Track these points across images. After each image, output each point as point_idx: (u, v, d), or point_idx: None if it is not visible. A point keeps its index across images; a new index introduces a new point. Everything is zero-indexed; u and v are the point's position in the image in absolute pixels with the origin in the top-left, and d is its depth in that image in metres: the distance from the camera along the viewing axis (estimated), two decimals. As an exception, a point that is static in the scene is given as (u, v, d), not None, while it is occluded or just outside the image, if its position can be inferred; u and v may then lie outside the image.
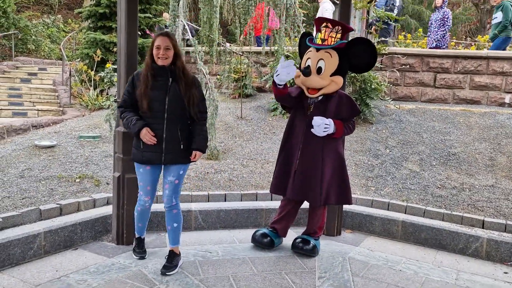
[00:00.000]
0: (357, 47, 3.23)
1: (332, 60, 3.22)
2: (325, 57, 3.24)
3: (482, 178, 4.76)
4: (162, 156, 2.92)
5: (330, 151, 3.30)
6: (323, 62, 3.24)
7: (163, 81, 2.93)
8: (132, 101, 2.98)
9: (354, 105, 3.34)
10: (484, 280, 3.11)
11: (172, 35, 2.98)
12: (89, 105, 7.64)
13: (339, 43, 3.23)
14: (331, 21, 3.31)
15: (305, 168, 3.30)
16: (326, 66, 3.23)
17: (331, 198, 3.32)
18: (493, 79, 6.82)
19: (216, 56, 6.68)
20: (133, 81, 2.99)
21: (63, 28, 15.10)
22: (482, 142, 5.54)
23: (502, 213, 4.07)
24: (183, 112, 2.96)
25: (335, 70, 3.23)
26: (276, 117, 6.81)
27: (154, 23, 9.29)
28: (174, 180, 2.99)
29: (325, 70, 3.23)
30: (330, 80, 3.23)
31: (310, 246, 3.37)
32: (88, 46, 8.87)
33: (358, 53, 3.23)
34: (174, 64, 2.95)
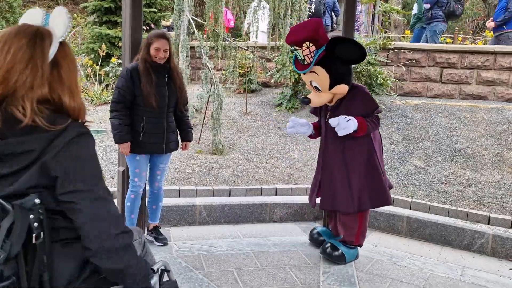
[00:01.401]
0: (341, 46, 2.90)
1: (321, 77, 2.98)
2: (313, 77, 3.02)
3: (488, 174, 4.73)
4: (164, 146, 3.18)
5: (353, 154, 3.06)
6: (315, 82, 3.04)
7: (162, 78, 3.11)
8: (130, 96, 3.05)
9: (367, 99, 3.08)
10: (489, 276, 3.10)
11: (168, 36, 3.17)
12: (94, 100, 7.66)
13: (317, 55, 2.93)
14: (295, 42, 2.97)
15: (329, 176, 3.16)
16: (320, 84, 3.01)
17: (365, 203, 3.07)
18: (500, 74, 6.75)
19: (221, 51, 6.67)
20: (131, 77, 3.03)
21: (69, 23, 15.13)
22: (488, 137, 5.49)
23: (508, 209, 4.04)
24: (175, 105, 3.25)
25: (330, 82, 2.97)
26: (281, 112, 6.80)
27: (159, 18, 9.29)
28: (165, 167, 3.34)
29: (321, 88, 3.03)
30: (331, 93, 3.04)
31: (337, 253, 3.16)
32: (93, 41, 8.88)
33: (345, 51, 2.92)
34: (168, 62, 3.14)
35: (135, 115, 3.10)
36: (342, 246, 3.19)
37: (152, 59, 3.04)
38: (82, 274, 1.25)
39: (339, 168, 3.09)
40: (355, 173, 3.05)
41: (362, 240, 3.24)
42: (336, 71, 2.96)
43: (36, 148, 1.16)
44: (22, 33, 1.23)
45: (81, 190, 1.19)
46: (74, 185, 1.19)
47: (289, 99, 7.02)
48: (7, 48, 1.21)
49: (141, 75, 3.01)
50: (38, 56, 1.23)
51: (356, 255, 3.24)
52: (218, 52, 6.54)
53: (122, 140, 3.05)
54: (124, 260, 1.22)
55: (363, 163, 3.06)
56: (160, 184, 3.36)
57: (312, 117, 3.68)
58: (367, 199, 3.05)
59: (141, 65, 3.03)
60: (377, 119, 3.07)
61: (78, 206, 1.18)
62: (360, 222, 3.17)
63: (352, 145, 3.06)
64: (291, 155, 5.36)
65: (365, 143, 3.07)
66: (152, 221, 3.43)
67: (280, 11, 6.27)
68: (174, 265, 3.01)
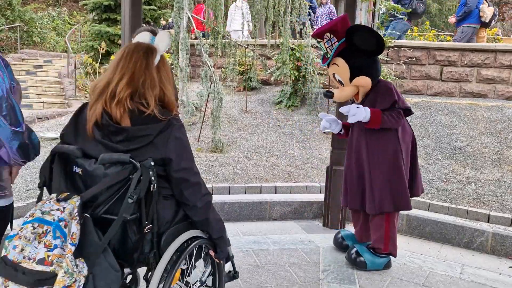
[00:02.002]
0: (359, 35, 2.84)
1: (341, 69, 2.95)
2: (334, 70, 3.01)
3: (488, 172, 4.73)
4: None
5: (377, 153, 2.95)
6: (337, 75, 3.01)
7: None
8: None
9: (388, 93, 2.91)
10: (489, 275, 3.10)
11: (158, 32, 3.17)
12: (94, 98, 7.66)
13: (337, 46, 2.94)
14: (317, 34, 3.02)
15: (353, 174, 3.08)
16: (341, 76, 2.98)
17: (386, 204, 2.92)
18: (500, 72, 6.74)
19: (221, 48, 6.66)
20: None
21: (68, 20, 15.13)
22: (488, 136, 5.49)
23: (508, 207, 4.04)
24: None
25: (350, 74, 2.93)
26: (281, 110, 6.79)
27: (158, 16, 9.27)
28: None
29: (343, 81, 2.99)
30: (353, 86, 2.96)
31: (359, 260, 3.03)
32: (93, 39, 8.88)
33: (363, 40, 2.85)
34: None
35: None
36: (367, 253, 3.05)
37: None
38: (175, 218, 1.80)
39: (363, 169, 3.00)
40: (378, 173, 2.94)
41: (392, 248, 3.03)
42: (356, 62, 2.91)
43: (152, 133, 1.65)
44: (139, 47, 1.73)
45: (187, 167, 1.73)
46: (183, 164, 1.71)
47: (289, 97, 7.01)
48: (129, 58, 1.70)
49: None
50: (150, 65, 1.72)
51: (384, 265, 3.04)
52: (218, 50, 6.54)
53: None
54: (207, 213, 1.81)
55: (387, 163, 2.93)
56: None
57: (312, 115, 3.67)
58: (389, 201, 2.92)
59: None
60: (398, 114, 2.87)
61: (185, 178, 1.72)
62: (387, 227, 2.99)
63: (377, 144, 2.96)
64: (291, 153, 5.36)
65: (390, 143, 2.94)
66: None
67: (280, 8, 6.26)
68: (174, 263, 3.01)
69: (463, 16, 8.05)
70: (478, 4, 7.85)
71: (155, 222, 1.69)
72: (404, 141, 2.99)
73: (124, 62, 1.70)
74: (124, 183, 1.59)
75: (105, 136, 1.66)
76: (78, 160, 1.64)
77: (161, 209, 1.72)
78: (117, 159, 1.59)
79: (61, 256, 1.42)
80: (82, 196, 1.56)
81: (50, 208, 1.49)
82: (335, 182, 3.88)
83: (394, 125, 2.88)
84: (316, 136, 5.99)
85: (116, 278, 1.55)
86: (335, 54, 2.96)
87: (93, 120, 1.66)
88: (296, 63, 6.76)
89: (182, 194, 1.74)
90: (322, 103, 6.87)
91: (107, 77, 1.69)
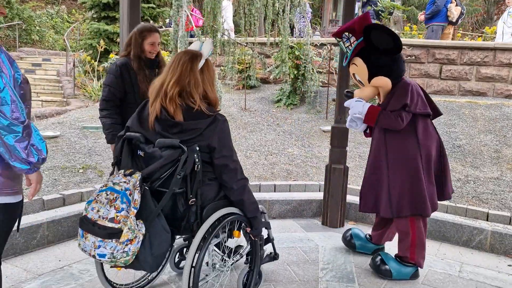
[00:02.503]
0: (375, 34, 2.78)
1: (359, 69, 2.89)
2: (353, 69, 2.95)
3: (487, 171, 4.73)
4: None
5: (396, 156, 2.86)
6: (357, 75, 2.95)
7: (153, 73, 3.03)
8: (120, 93, 2.99)
9: (403, 95, 2.79)
10: (487, 273, 3.10)
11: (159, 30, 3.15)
12: (92, 96, 7.64)
13: (355, 46, 2.87)
14: (336, 34, 2.98)
15: (371, 176, 2.99)
16: (360, 76, 2.92)
17: (404, 209, 2.83)
18: (499, 70, 6.74)
19: (220, 46, 6.65)
20: (121, 73, 2.96)
21: (67, 18, 15.09)
22: (487, 134, 5.49)
23: (507, 205, 4.04)
24: None
25: (369, 74, 2.86)
26: (280, 108, 6.79)
27: (157, 13, 9.25)
28: None
29: (362, 81, 2.93)
30: (373, 87, 2.90)
31: (384, 268, 2.92)
32: (91, 37, 8.86)
33: (379, 39, 2.77)
34: (157, 55, 3.07)
35: (126, 113, 2.99)
36: (392, 261, 2.94)
37: (146, 55, 2.98)
38: (216, 197, 2.20)
39: (381, 171, 2.92)
40: (397, 176, 2.85)
41: (419, 257, 2.91)
42: (374, 61, 2.84)
43: (202, 127, 2.05)
44: (187, 53, 2.15)
45: (227, 155, 2.11)
46: (224, 152, 2.10)
47: (288, 95, 7.00)
48: (178, 62, 2.11)
49: (137, 72, 2.95)
50: (195, 67, 2.11)
51: (411, 275, 2.91)
52: (217, 48, 6.52)
53: (114, 140, 2.91)
54: (242, 194, 2.20)
55: (406, 169, 2.83)
56: None
57: (311, 113, 3.65)
58: (406, 205, 2.83)
59: (135, 63, 2.96)
60: (397, 116, 2.76)
61: (225, 164, 2.11)
62: (413, 233, 2.88)
63: (395, 146, 2.87)
64: (290, 152, 5.36)
65: (410, 146, 2.84)
66: None
67: (279, 7, 6.24)
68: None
69: (431, 15, 8.38)
70: (446, 3, 8.14)
71: (199, 197, 2.08)
72: (426, 145, 2.86)
73: (174, 65, 2.11)
74: (174, 163, 1.99)
75: (164, 129, 2.07)
76: (141, 145, 2.09)
77: (206, 189, 2.12)
78: (169, 143, 2.01)
79: (126, 217, 1.85)
80: (143, 172, 2.00)
81: (119, 180, 1.94)
82: (334, 180, 3.87)
83: (392, 125, 2.79)
84: (315, 134, 5.98)
85: (167, 238, 1.99)
86: (354, 53, 2.90)
87: (154, 115, 2.08)
88: (295, 61, 6.75)
89: (222, 177, 2.13)
90: (321, 102, 6.87)
91: (162, 79, 2.12)
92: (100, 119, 3.04)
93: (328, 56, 7.05)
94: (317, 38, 8.45)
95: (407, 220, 2.88)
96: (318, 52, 7.36)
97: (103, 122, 3.01)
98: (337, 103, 3.93)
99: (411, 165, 2.82)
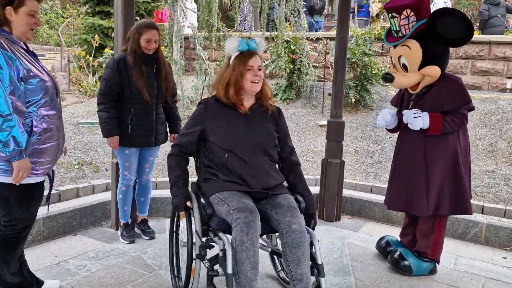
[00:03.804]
0: (444, 20, 2.56)
1: (413, 53, 2.67)
2: (404, 52, 2.72)
3: (482, 164, 4.75)
4: (153, 138, 3.12)
5: (437, 153, 2.72)
6: (404, 58, 2.74)
7: (150, 68, 3.04)
8: (117, 88, 2.98)
9: (459, 92, 2.67)
10: (482, 265, 3.12)
11: (158, 26, 3.10)
12: (87, 91, 7.60)
13: (416, 27, 2.63)
14: (395, 8, 2.70)
15: (403, 175, 2.86)
16: (409, 61, 2.71)
17: (442, 207, 2.72)
18: (495, 64, 6.76)
19: (215, 41, 6.62)
20: (119, 68, 2.95)
21: (61, 13, 14.97)
22: (482, 127, 5.51)
23: (501, 198, 4.07)
24: (163, 96, 3.16)
25: (422, 61, 2.66)
26: (276, 103, 6.78)
27: (152, 8, 9.19)
28: (154, 159, 3.29)
29: (410, 66, 2.72)
30: (420, 74, 2.71)
31: (404, 264, 2.85)
32: (86, 32, 8.79)
33: (447, 26, 2.56)
34: (155, 52, 3.05)
35: (122, 107, 3.02)
36: (411, 256, 2.87)
37: (142, 51, 2.96)
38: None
39: (418, 166, 2.77)
40: (437, 174, 2.72)
41: (438, 254, 2.88)
42: (433, 49, 2.65)
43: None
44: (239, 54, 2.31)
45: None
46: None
47: (284, 90, 6.99)
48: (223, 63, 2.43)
49: (132, 67, 2.93)
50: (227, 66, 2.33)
51: (429, 270, 2.88)
52: (212, 43, 6.50)
53: (110, 133, 2.97)
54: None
55: (447, 164, 2.72)
56: (148, 176, 3.29)
57: (307, 108, 3.64)
58: (446, 204, 2.72)
59: (130, 57, 2.94)
60: (461, 118, 2.69)
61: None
62: (438, 232, 2.82)
63: (435, 142, 2.73)
64: (286, 146, 5.35)
65: (451, 142, 2.72)
66: (141, 214, 3.38)
67: (275, 0, 6.21)
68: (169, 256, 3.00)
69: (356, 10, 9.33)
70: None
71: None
72: (464, 141, 2.79)
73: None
74: None
75: None
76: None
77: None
78: None
79: None
80: None
81: None
82: (330, 174, 3.88)
83: (455, 129, 2.69)
84: (311, 129, 5.98)
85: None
86: (411, 35, 2.66)
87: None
88: (291, 56, 6.74)
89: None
90: (317, 96, 6.86)
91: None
92: (97, 113, 3.05)
93: (324, 51, 7.04)
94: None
95: (434, 219, 2.81)
96: (314, 46, 7.34)
97: (100, 116, 3.01)
98: (333, 98, 3.93)
99: (452, 160, 2.71)
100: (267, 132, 2.31)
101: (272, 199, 2.19)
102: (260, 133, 2.27)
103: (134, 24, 3.04)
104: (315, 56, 7.20)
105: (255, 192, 2.19)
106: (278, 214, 2.10)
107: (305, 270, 2.04)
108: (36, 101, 2.06)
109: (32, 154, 2.05)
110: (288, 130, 2.48)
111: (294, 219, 2.07)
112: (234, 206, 2.03)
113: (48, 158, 2.15)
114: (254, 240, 1.97)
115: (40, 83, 2.06)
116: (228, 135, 2.22)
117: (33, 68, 2.05)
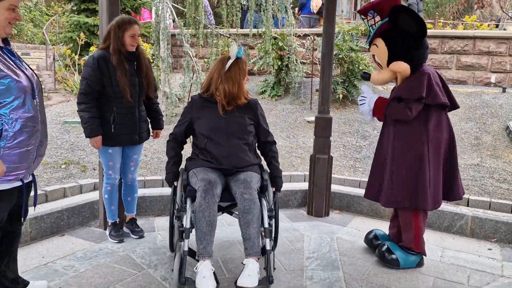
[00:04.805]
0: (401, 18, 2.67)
1: (379, 50, 2.79)
2: (374, 51, 2.85)
3: (467, 157, 4.82)
4: (137, 137, 3.11)
5: (403, 144, 2.78)
6: (376, 57, 2.86)
7: (132, 66, 3.01)
8: (98, 87, 2.93)
9: (415, 83, 2.71)
10: (468, 257, 3.17)
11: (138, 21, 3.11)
12: (74, 90, 7.51)
13: (379, 26, 2.78)
14: (361, 11, 2.92)
15: (376, 164, 2.96)
16: (380, 59, 2.83)
17: (403, 200, 2.78)
18: (479, 59, 6.85)
19: (203, 38, 6.59)
20: (99, 66, 2.90)
21: (46, 11, 14.75)
22: (468, 121, 5.59)
23: (486, 191, 4.14)
24: (145, 93, 3.14)
25: (389, 58, 2.76)
26: (265, 99, 6.78)
27: (138, 5, 9.11)
28: (138, 158, 3.27)
29: (382, 64, 2.83)
30: (390, 71, 2.81)
31: (391, 257, 2.90)
32: (71, 30, 8.67)
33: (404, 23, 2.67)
34: (136, 49, 3.02)
35: (104, 106, 2.97)
36: (399, 250, 2.92)
37: (127, 48, 2.92)
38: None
39: (385, 156, 2.87)
40: (400, 164, 2.78)
41: (422, 246, 2.92)
42: (397, 45, 2.73)
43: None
44: (221, 57, 2.79)
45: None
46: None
47: (272, 87, 7.00)
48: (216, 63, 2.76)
49: (116, 67, 2.89)
50: (220, 67, 2.70)
51: (416, 263, 2.93)
52: (200, 40, 6.47)
53: (93, 133, 2.91)
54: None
55: (411, 157, 2.75)
56: (134, 175, 3.27)
57: (296, 104, 3.65)
58: (407, 196, 2.77)
59: (114, 57, 2.89)
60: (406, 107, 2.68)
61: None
62: (416, 224, 2.86)
63: (403, 134, 2.79)
64: (274, 143, 5.37)
65: (418, 137, 2.75)
66: (129, 213, 3.36)
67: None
68: (159, 255, 3.00)
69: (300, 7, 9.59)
70: None
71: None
72: (435, 137, 2.77)
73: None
74: None
75: None
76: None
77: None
78: None
79: None
80: None
81: None
82: (318, 170, 3.90)
83: (401, 117, 2.73)
84: (300, 125, 6.00)
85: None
86: (376, 34, 2.80)
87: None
88: (279, 52, 6.74)
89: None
90: (305, 92, 6.89)
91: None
92: (78, 113, 2.98)
93: (312, 47, 7.06)
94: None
95: (411, 212, 2.85)
96: (302, 42, 7.35)
97: (81, 116, 2.95)
98: (320, 93, 3.95)
99: (416, 153, 2.74)
100: (242, 118, 2.73)
101: (236, 175, 2.66)
102: (235, 121, 2.70)
103: (112, 22, 2.96)
104: (303, 52, 7.21)
105: (223, 169, 2.66)
106: (236, 186, 2.57)
107: (253, 232, 2.45)
108: (7, 103, 1.92)
109: (3, 158, 1.91)
110: (265, 115, 2.91)
111: (246, 190, 2.50)
112: (200, 177, 2.53)
113: (24, 163, 2.00)
114: (211, 203, 2.43)
115: (12, 83, 1.92)
116: (207, 124, 2.68)
117: (3, 67, 1.92)
